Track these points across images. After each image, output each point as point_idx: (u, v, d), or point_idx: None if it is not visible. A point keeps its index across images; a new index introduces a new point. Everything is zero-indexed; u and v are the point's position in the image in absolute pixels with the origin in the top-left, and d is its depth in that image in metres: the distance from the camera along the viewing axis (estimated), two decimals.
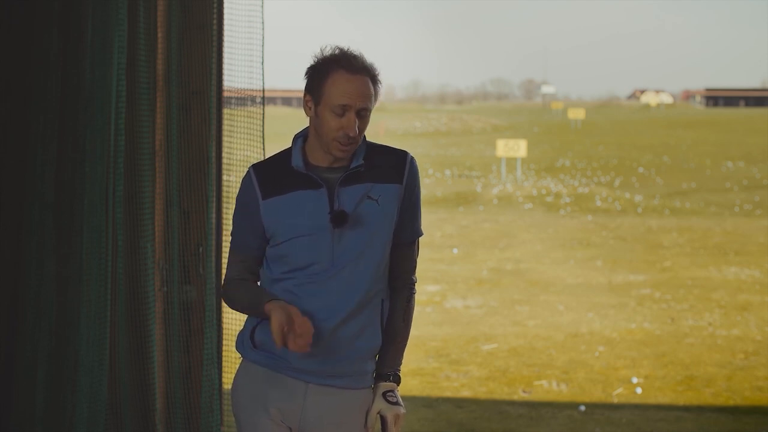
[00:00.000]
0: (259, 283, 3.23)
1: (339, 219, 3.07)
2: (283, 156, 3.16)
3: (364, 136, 3.15)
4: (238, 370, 3.24)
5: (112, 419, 4.59)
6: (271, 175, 3.13)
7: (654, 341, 9.32)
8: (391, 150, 3.19)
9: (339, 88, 3.01)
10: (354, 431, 3.18)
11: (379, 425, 3.20)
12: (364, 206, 3.10)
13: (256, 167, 3.18)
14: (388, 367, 3.20)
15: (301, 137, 3.17)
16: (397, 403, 3.17)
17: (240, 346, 3.22)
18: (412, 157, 3.21)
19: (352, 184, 3.10)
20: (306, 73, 3.08)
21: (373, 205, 3.11)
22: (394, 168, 3.16)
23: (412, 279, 3.29)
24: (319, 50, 3.07)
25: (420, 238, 3.28)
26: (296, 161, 3.11)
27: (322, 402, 3.13)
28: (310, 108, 3.09)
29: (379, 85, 3.12)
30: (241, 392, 3.19)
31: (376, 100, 3.12)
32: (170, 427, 4.74)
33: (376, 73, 3.10)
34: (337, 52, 3.05)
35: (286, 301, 3.04)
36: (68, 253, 4.47)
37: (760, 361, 8.57)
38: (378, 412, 3.16)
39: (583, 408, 7.09)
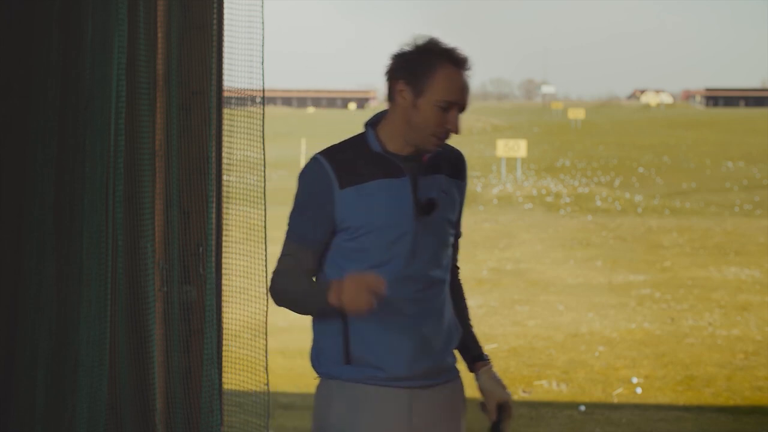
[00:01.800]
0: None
1: (427, 209, 2.95)
2: (355, 143, 3.01)
3: None
4: (325, 392, 3.08)
5: (112, 419, 4.58)
6: (347, 162, 2.95)
7: (654, 341, 9.33)
8: (449, 146, 3.11)
9: (447, 83, 2.90)
10: (461, 422, 3.12)
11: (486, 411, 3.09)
12: (442, 198, 3.00)
13: (326, 154, 2.98)
14: (479, 348, 3.15)
15: (372, 124, 3.03)
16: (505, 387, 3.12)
17: (325, 364, 3.05)
18: (465, 158, 3.16)
19: (430, 174, 2.99)
20: (399, 60, 2.96)
21: (445, 197, 3.01)
22: (456, 164, 3.09)
23: (458, 267, 3.24)
24: (413, 40, 2.95)
25: None
26: (376, 147, 2.97)
27: (429, 404, 3.02)
28: (404, 98, 2.94)
29: None
30: (340, 417, 3.03)
31: None
32: (170, 427, 4.74)
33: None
34: (440, 44, 2.93)
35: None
36: (68, 253, 4.47)
37: (760, 361, 8.57)
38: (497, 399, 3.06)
39: (583, 408, 7.09)
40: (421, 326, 2.96)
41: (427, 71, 2.91)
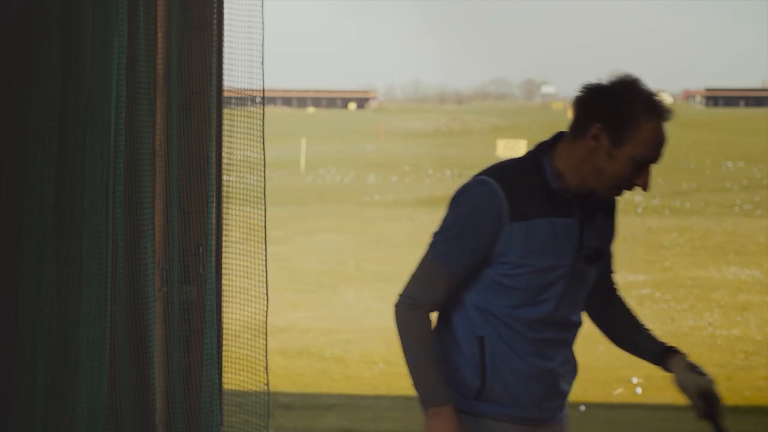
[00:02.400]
0: (445, 315, 2.87)
1: (591, 258, 2.82)
2: (528, 170, 2.81)
3: None
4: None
5: (112, 419, 4.58)
6: (520, 193, 2.75)
7: None
8: None
9: (651, 139, 2.74)
10: None
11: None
12: (602, 245, 2.88)
13: (499, 180, 2.77)
14: (660, 343, 3.05)
15: (547, 153, 2.83)
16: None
17: (455, 398, 2.86)
18: None
19: (595, 216, 2.85)
20: (599, 98, 2.76)
21: (603, 243, 2.89)
22: (608, 202, 2.92)
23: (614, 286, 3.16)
24: (614, 77, 2.76)
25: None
26: (553, 182, 2.77)
27: None
28: (599, 142, 2.73)
29: None
30: None
31: None
32: (170, 427, 4.74)
33: None
34: (644, 90, 2.76)
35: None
36: (68, 253, 4.46)
37: (760, 361, 8.56)
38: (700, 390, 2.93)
39: (583, 408, 7.09)
40: (556, 368, 2.88)
41: (633, 124, 2.73)
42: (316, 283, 14.54)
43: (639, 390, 7.59)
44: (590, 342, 9.16)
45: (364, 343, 10.73)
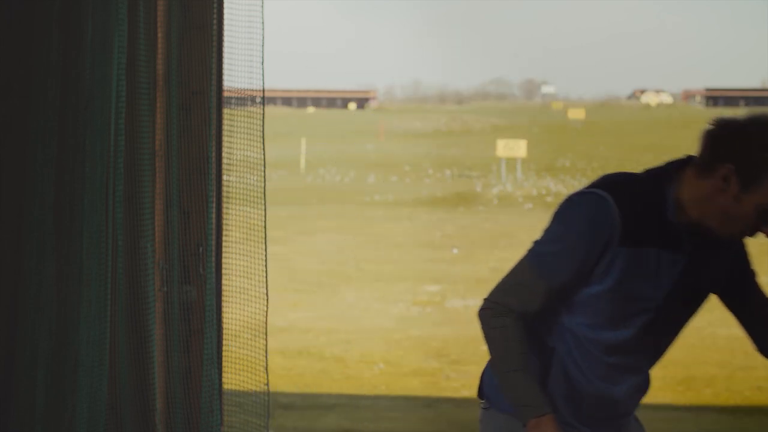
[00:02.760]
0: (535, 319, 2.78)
1: (694, 299, 2.74)
2: (647, 193, 2.66)
3: None
4: (494, 423, 2.82)
5: (112, 419, 4.58)
6: (636, 218, 2.61)
7: None
8: None
9: None
10: None
11: None
12: (705, 288, 2.81)
13: (618, 199, 2.62)
14: None
15: (675, 181, 2.66)
16: None
17: (506, 403, 2.77)
18: None
19: (706, 255, 2.74)
20: (733, 138, 2.63)
21: (709, 285, 2.81)
22: (733, 242, 2.82)
23: None
24: (753, 118, 2.65)
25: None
26: (671, 216, 2.63)
27: None
28: (728, 185, 2.59)
29: None
30: None
31: None
32: (170, 427, 4.74)
33: None
34: None
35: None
36: (68, 253, 4.46)
37: (760, 361, 8.55)
38: None
39: None
40: (619, 395, 2.83)
41: (765, 172, 2.58)
42: (316, 283, 14.54)
43: None
44: None
45: (364, 343, 10.73)
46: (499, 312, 2.78)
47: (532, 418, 2.64)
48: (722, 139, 2.66)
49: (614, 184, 2.69)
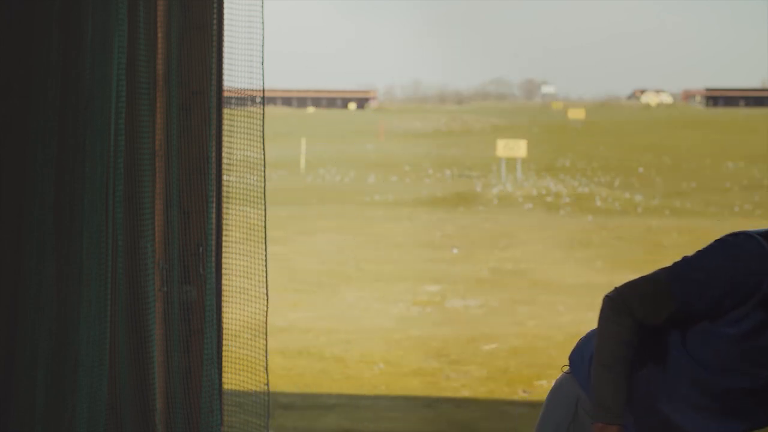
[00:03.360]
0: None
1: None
2: None
3: None
4: (575, 392, 2.87)
5: (112, 419, 4.58)
6: None
7: None
8: None
9: None
10: None
11: None
12: None
13: None
14: None
15: None
16: None
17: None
18: None
19: None
20: None
21: None
22: None
23: None
24: None
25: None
26: None
27: None
28: None
29: None
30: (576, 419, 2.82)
31: None
32: (170, 427, 4.74)
33: None
34: None
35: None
36: (68, 253, 4.46)
37: None
38: None
39: None
40: (685, 426, 2.78)
41: None
42: (316, 283, 14.54)
43: None
44: None
45: (364, 343, 10.73)
46: (622, 310, 2.73)
47: (605, 422, 2.66)
48: None
49: None
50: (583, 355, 2.89)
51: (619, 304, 2.73)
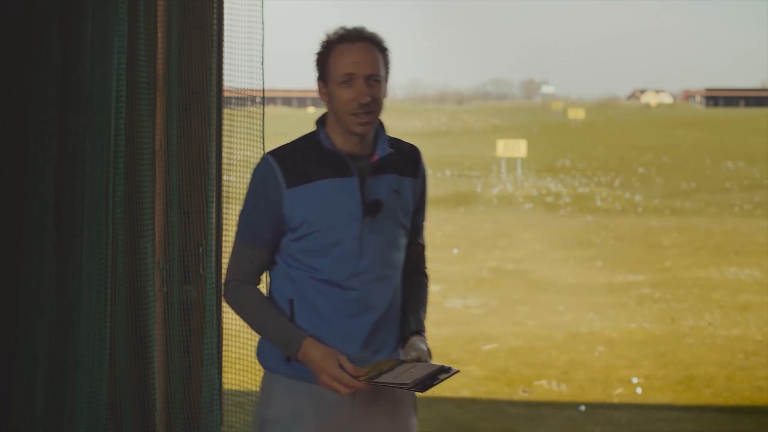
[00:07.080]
0: (268, 283, 3.06)
1: (372, 210, 2.94)
2: (307, 140, 3.02)
3: (383, 124, 3.06)
4: (269, 384, 3.04)
5: (112, 419, 4.59)
6: (295, 162, 2.95)
7: (654, 341, 9.32)
8: (403, 142, 3.12)
9: (341, 59, 2.92)
10: (408, 418, 3.16)
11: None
12: (391, 198, 2.99)
13: (275, 155, 2.98)
14: (415, 324, 3.06)
15: (321, 122, 3.04)
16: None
17: (270, 359, 3.03)
18: (420, 152, 3.14)
19: (379, 174, 2.99)
20: (315, 63, 3.00)
21: (395, 198, 3.00)
22: (410, 161, 3.09)
23: (425, 274, 3.19)
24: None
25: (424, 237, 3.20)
26: (327, 144, 2.97)
27: (372, 396, 3.00)
28: (324, 93, 2.98)
29: (388, 53, 2.98)
30: (282, 408, 3.00)
31: (387, 68, 2.98)
32: (170, 427, 4.74)
33: (380, 40, 2.96)
34: (337, 30, 2.97)
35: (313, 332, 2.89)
36: (68, 253, 4.47)
37: (760, 361, 8.56)
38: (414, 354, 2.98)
39: (583, 408, 7.09)
40: (365, 325, 2.97)
41: (326, 58, 2.96)
42: None
43: (639, 390, 7.59)
44: (590, 342, 9.18)
45: None
46: (233, 287, 3.04)
47: (298, 349, 2.89)
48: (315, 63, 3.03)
49: (279, 146, 3.03)
50: (264, 354, 3.12)
51: (228, 286, 3.10)
